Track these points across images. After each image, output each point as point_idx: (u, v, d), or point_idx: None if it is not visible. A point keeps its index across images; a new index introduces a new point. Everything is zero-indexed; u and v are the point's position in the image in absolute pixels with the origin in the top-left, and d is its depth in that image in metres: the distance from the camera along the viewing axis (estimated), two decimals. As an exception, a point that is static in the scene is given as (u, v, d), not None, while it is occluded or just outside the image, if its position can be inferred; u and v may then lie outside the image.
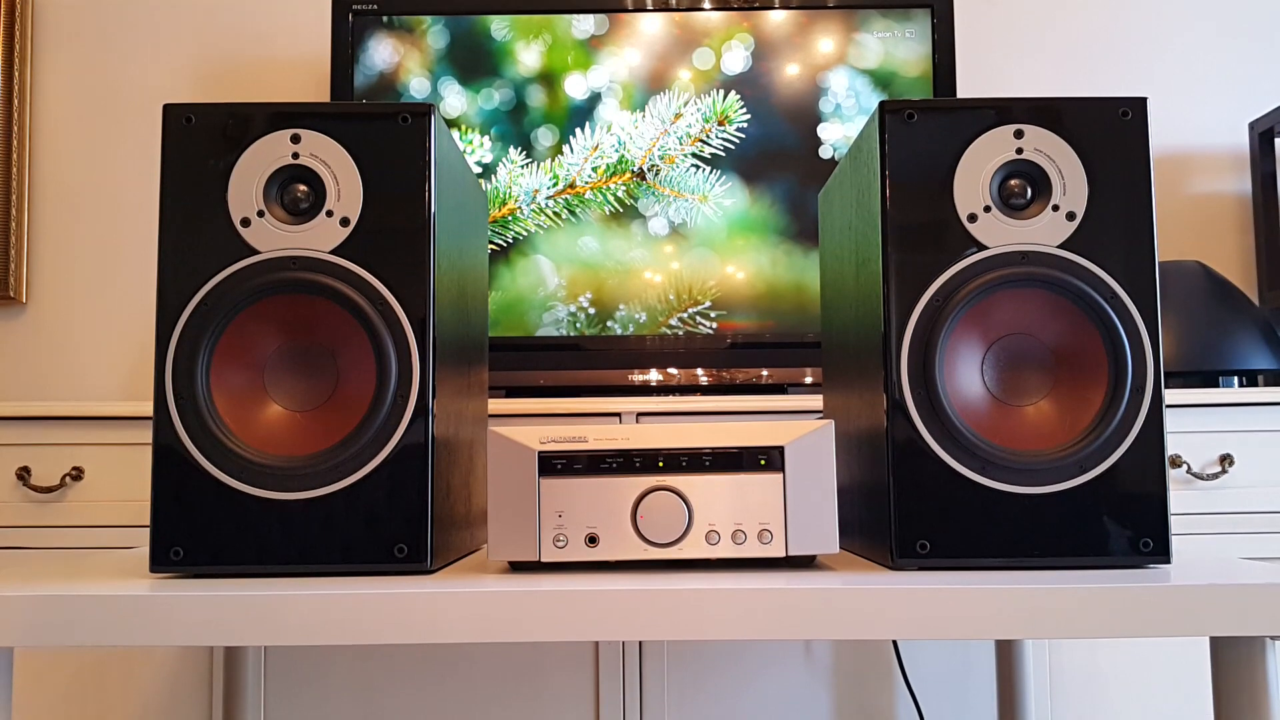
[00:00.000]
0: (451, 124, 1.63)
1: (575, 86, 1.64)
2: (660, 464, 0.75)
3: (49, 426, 1.41)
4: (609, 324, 1.61)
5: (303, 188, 0.77)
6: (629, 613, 0.68)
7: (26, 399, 1.83)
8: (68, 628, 0.68)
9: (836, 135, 1.63)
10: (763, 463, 0.75)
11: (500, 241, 1.63)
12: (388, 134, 0.77)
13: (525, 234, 1.63)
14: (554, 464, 0.75)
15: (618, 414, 1.41)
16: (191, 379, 0.75)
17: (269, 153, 0.77)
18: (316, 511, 0.74)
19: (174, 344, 0.75)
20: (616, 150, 1.63)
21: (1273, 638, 0.69)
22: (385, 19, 1.65)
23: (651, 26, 1.65)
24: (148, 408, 1.39)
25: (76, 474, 1.40)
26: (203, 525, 0.74)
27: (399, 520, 0.75)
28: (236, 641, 0.68)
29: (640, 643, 1.36)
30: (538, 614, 0.68)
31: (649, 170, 1.63)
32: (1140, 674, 1.35)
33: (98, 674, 1.37)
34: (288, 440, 0.76)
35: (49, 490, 1.39)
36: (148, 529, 1.40)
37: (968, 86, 1.84)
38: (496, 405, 1.41)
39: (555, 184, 1.63)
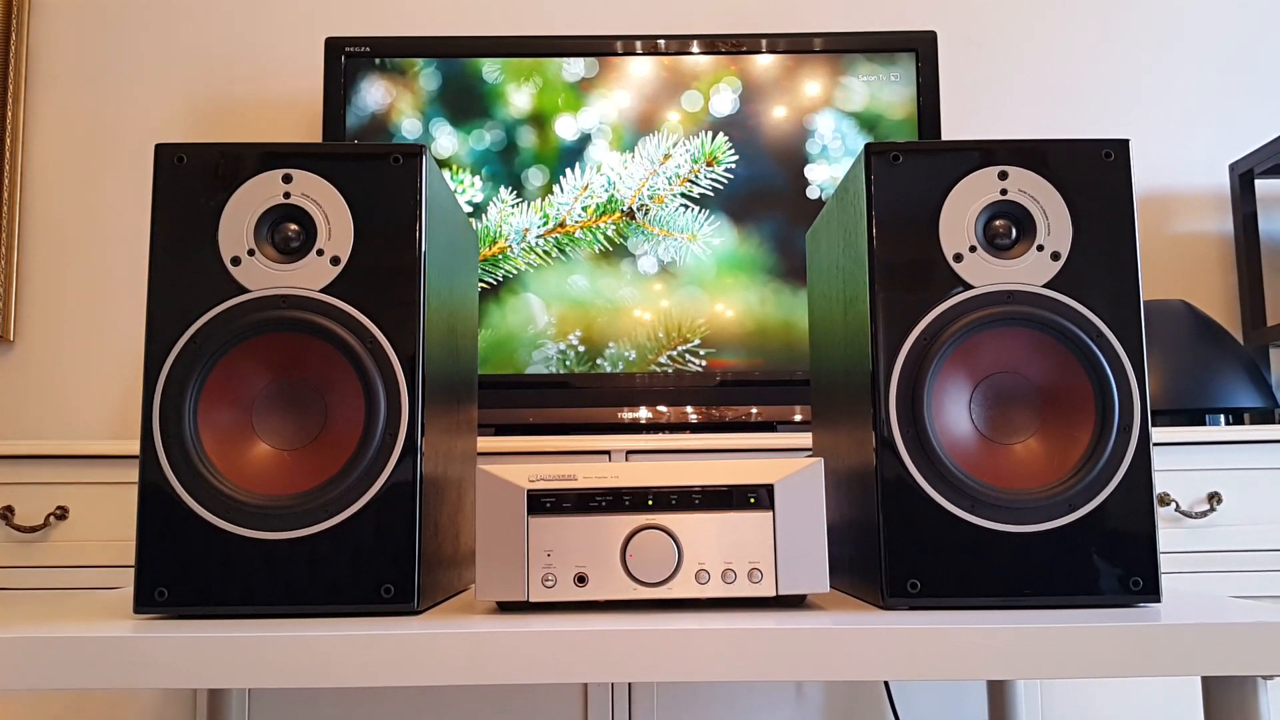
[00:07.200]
0: (443, 164, 1.65)
1: (565, 128, 1.66)
2: (650, 502, 0.75)
3: (33, 465, 1.39)
4: (598, 362, 1.61)
5: (293, 227, 0.78)
6: (618, 653, 0.67)
7: (13, 437, 1.82)
8: (49, 670, 0.67)
9: (823, 176, 1.65)
10: (752, 501, 0.75)
11: (490, 280, 1.63)
12: (379, 174, 0.78)
13: (515, 272, 1.63)
14: (543, 503, 0.75)
15: (607, 452, 1.40)
16: (179, 417, 0.74)
17: (260, 192, 0.78)
18: (303, 551, 0.74)
19: (162, 382, 0.75)
20: (606, 190, 1.65)
21: (1264, 677, 0.69)
22: (378, 61, 1.67)
23: (641, 70, 1.67)
24: (134, 446, 1.38)
25: (61, 513, 1.38)
26: (188, 565, 0.74)
27: (386, 560, 0.74)
28: (221, 683, 0.67)
29: (630, 684, 1.35)
30: (526, 655, 0.67)
31: (638, 210, 1.64)
32: (1132, 713, 1.34)
33: (80, 716, 1.34)
34: (275, 479, 0.75)
35: (33, 530, 1.38)
36: (132, 569, 1.38)
37: (952, 128, 1.87)
38: (485, 443, 1.40)
39: (545, 223, 1.64)
